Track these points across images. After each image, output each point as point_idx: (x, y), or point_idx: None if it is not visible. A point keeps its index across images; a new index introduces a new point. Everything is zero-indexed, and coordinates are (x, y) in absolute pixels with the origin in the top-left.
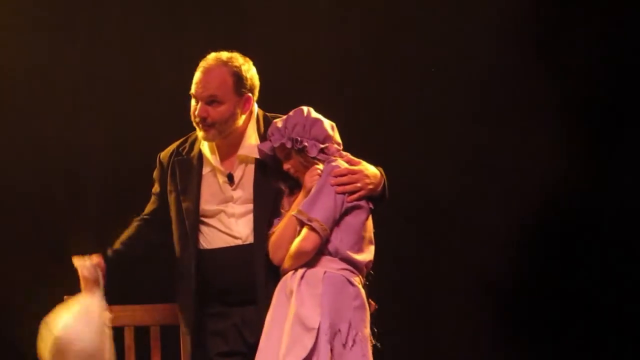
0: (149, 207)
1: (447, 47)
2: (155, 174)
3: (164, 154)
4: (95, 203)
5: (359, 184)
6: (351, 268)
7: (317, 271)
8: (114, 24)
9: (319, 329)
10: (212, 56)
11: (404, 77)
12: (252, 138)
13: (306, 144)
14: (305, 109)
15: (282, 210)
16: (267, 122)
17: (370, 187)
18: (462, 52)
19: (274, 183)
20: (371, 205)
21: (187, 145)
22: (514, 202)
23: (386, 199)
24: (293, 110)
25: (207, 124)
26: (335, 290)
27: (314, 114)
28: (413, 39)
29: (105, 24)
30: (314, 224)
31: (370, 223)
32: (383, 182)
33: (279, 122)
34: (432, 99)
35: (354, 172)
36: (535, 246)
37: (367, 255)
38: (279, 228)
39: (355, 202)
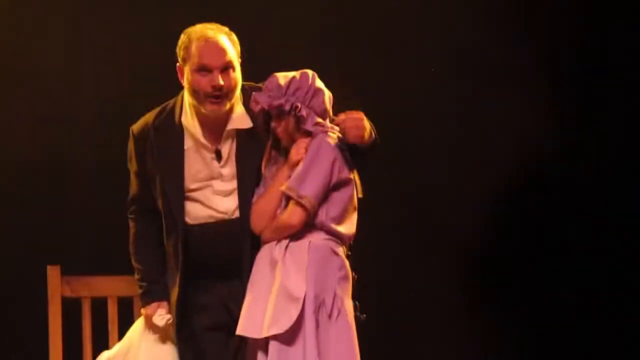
0: (136, 192)
1: (432, 16)
2: (131, 148)
3: (138, 128)
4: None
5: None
6: (335, 239)
7: (302, 242)
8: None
9: (304, 299)
10: (202, 27)
11: (390, 51)
12: (238, 110)
13: (304, 113)
14: (310, 74)
15: (263, 178)
16: (245, 92)
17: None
18: (446, 21)
19: (258, 150)
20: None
21: (162, 117)
22: (494, 170)
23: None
24: (299, 73)
25: (223, 94)
26: (321, 260)
27: (318, 83)
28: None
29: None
30: (304, 201)
31: (354, 194)
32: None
33: (281, 78)
34: (417, 68)
35: (361, 118)
36: (517, 216)
37: (351, 227)
38: (262, 199)
39: (343, 177)
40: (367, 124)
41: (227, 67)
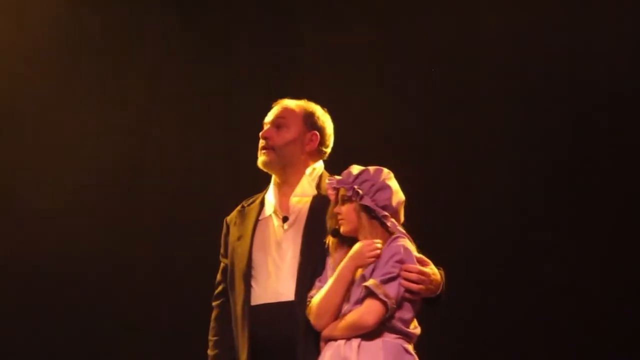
0: (220, 275)
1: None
2: (223, 237)
3: (230, 216)
4: None
5: (423, 286)
6: (406, 338)
7: (375, 341)
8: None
9: None
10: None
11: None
12: (305, 184)
13: (368, 203)
14: (386, 172)
15: (326, 266)
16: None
17: (428, 292)
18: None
19: (321, 234)
20: None
21: (252, 200)
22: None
23: (440, 303)
24: (375, 168)
25: (268, 146)
26: (395, 359)
27: (390, 182)
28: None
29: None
30: (389, 302)
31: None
32: (441, 287)
33: (356, 169)
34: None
35: (423, 274)
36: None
37: (417, 328)
38: (327, 293)
39: None
40: (435, 277)
41: (279, 125)
